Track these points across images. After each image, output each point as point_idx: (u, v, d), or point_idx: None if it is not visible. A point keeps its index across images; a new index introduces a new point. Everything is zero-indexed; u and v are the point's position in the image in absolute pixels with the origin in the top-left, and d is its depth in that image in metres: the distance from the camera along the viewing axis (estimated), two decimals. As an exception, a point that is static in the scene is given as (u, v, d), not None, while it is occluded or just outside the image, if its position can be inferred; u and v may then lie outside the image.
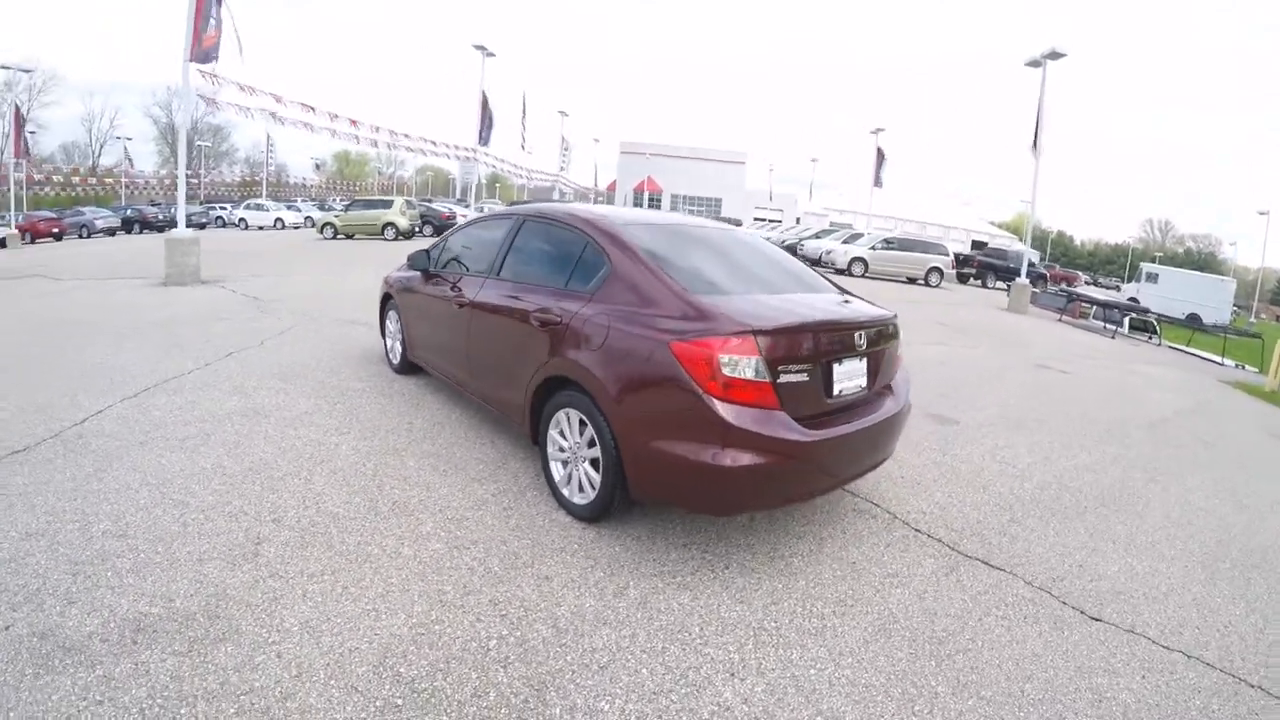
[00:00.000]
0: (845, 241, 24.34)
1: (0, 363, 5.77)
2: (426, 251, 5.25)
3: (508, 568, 3.04)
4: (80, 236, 30.89)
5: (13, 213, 29.06)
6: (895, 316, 3.82)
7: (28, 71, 37.76)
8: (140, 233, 33.20)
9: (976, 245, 29.03)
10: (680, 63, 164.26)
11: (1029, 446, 5.23)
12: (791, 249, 24.28)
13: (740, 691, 2.40)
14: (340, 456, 4.06)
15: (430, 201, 35.60)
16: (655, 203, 55.92)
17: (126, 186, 49.03)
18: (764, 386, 2.91)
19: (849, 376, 3.33)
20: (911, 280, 22.33)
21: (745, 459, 2.85)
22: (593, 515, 3.41)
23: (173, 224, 33.26)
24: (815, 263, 22.59)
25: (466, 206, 32.92)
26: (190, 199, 41.40)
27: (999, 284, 27.80)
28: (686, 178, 59.09)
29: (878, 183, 32.53)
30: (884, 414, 3.47)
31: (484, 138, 25.60)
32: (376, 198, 33.17)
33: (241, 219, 35.71)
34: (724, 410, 2.86)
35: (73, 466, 3.76)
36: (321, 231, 25.19)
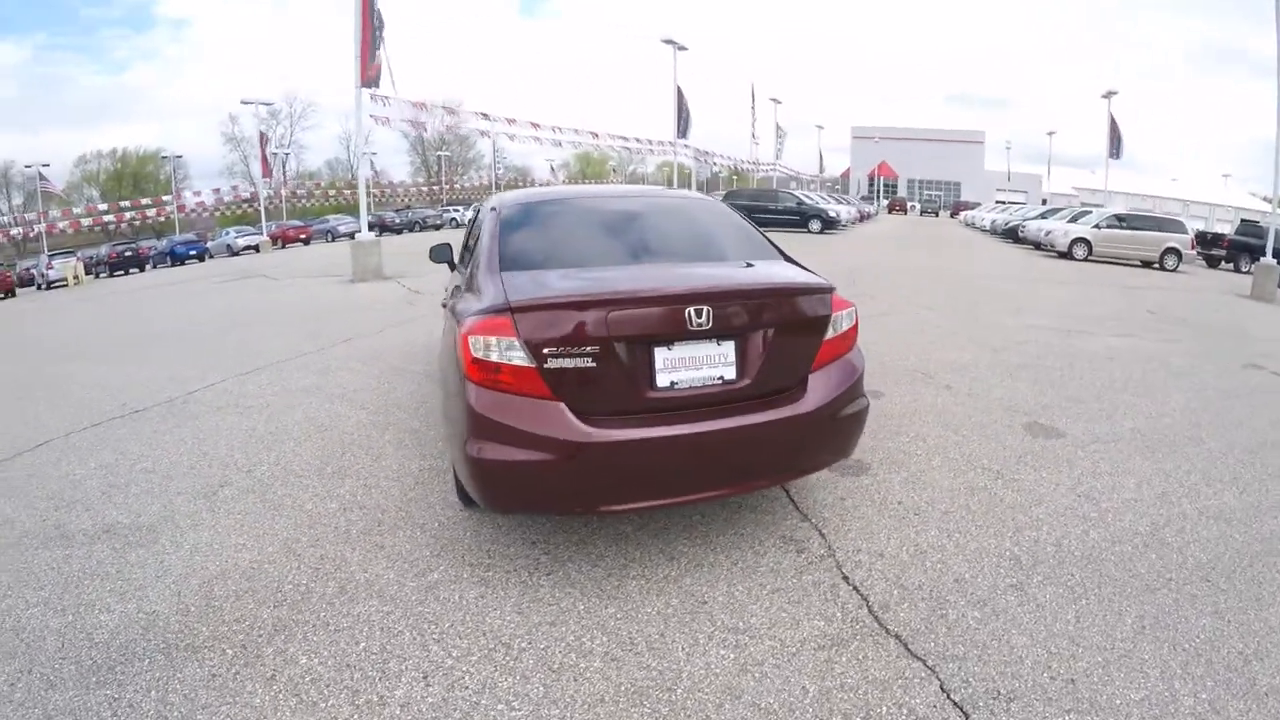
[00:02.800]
0: (1070, 220, 20.05)
1: (173, 344, 7.34)
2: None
3: (364, 533, 3.14)
4: (328, 241, 36.03)
5: (263, 222, 35.45)
6: (811, 290, 2.80)
7: (268, 104, 43.56)
8: (381, 235, 38.23)
9: (1247, 225, 22.26)
10: (908, 38, 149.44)
11: (1147, 477, 3.49)
12: (1012, 231, 20.82)
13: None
14: (342, 428, 4.46)
15: None
16: (891, 189, 52.28)
17: (377, 196, 57.35)
18: (526, 372, 2.45)
19: (689, 365, 2.58)
20: (1146, 264, 17.64)
21: (495, 452, 2.47)
22: (466, 502, 3.16)
23: (410, 227, 38.51)
24: (1036, 246, 19.06)
25: None
26: (434, 203, 47.63)
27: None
28: (921, 161, 54.17)
29: (1114, 154, 27.37)
30: (761, 417, 2.55)
31: (681, 130, 25.62)
32: None
33: (471, 219, 39.56)
34: (474, 396, 2.53)
35: (160, 424, 4.79)
36: None
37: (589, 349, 2.45)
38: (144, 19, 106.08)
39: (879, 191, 53.84)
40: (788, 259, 3.22)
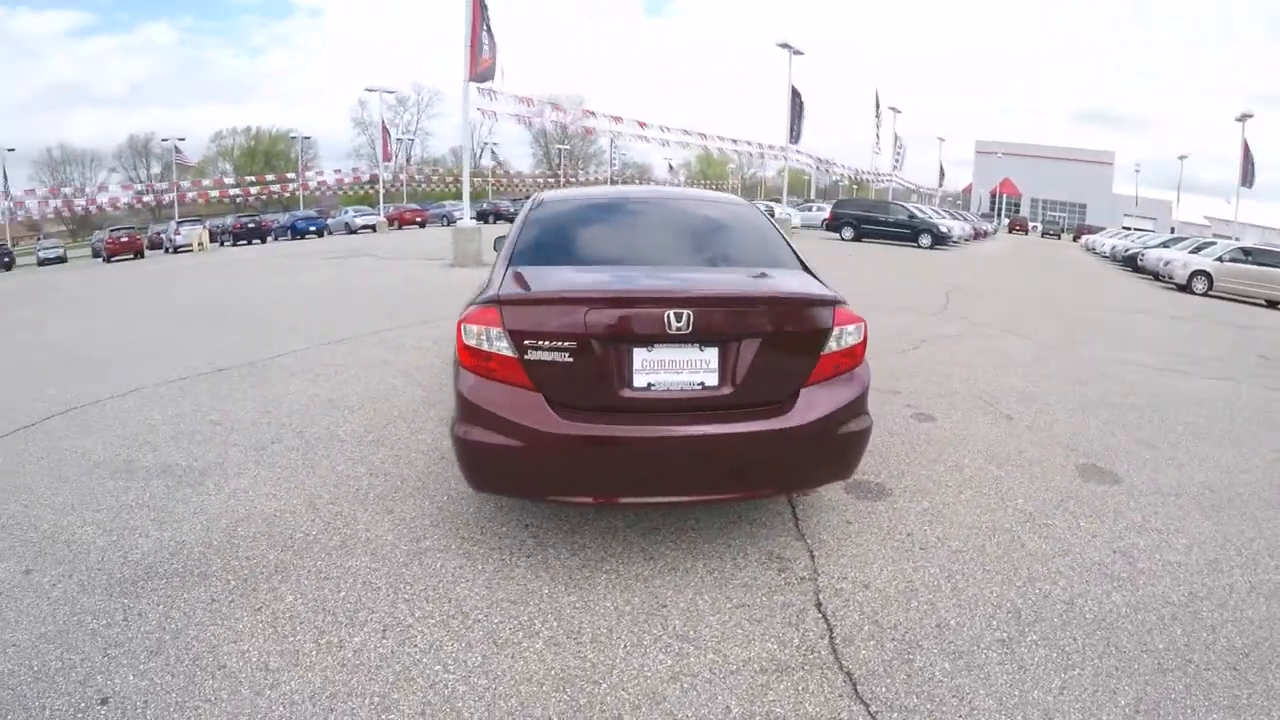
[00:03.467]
0: (1192, 251, 17.67)
1: (269, 312, 8.06)
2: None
3: (380, 497, 3.32)
4: (443, 225, 36.92)
5: (381, 204, 37.26)
6: (810, 302, 2.67)
7: (391, 92, 44.97)
8: (494, 222, 38.83)
9: None
10: (1036, 48, 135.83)
11: (1201, 540, 2.92)
12: (1132, 259, 18.77)
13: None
14: (394, 401, 4.70)
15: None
16: (1014, 207, 48.59)
17: (494, 185, 59.15)
18: (509, 362, 2.50)
19: (668, 368, 2.51)
20: (1272, 304, 15.11)
21: (479, 435, 2.53)
22: None
23: (510, 218, 39.28)
24: (1155, 276, 17.02)
25: (800, 206, 32.64)
26: None
27: None
28: (1046, 179, 49.84)
29: (1246, 183, 24.36)
30: (742, 427, 2.46)
31: (795, 136, 24.92)
32: None
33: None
34: (464, 381, 2.61)
35: (238, 383, 5.30)
36: None
37: (567, 344, 2.45)
38: (283, 7, 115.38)
39: (1000, 209, 50.02)
40: (806, 269, 3.03)
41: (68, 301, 12.90)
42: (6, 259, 32.93)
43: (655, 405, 2.49)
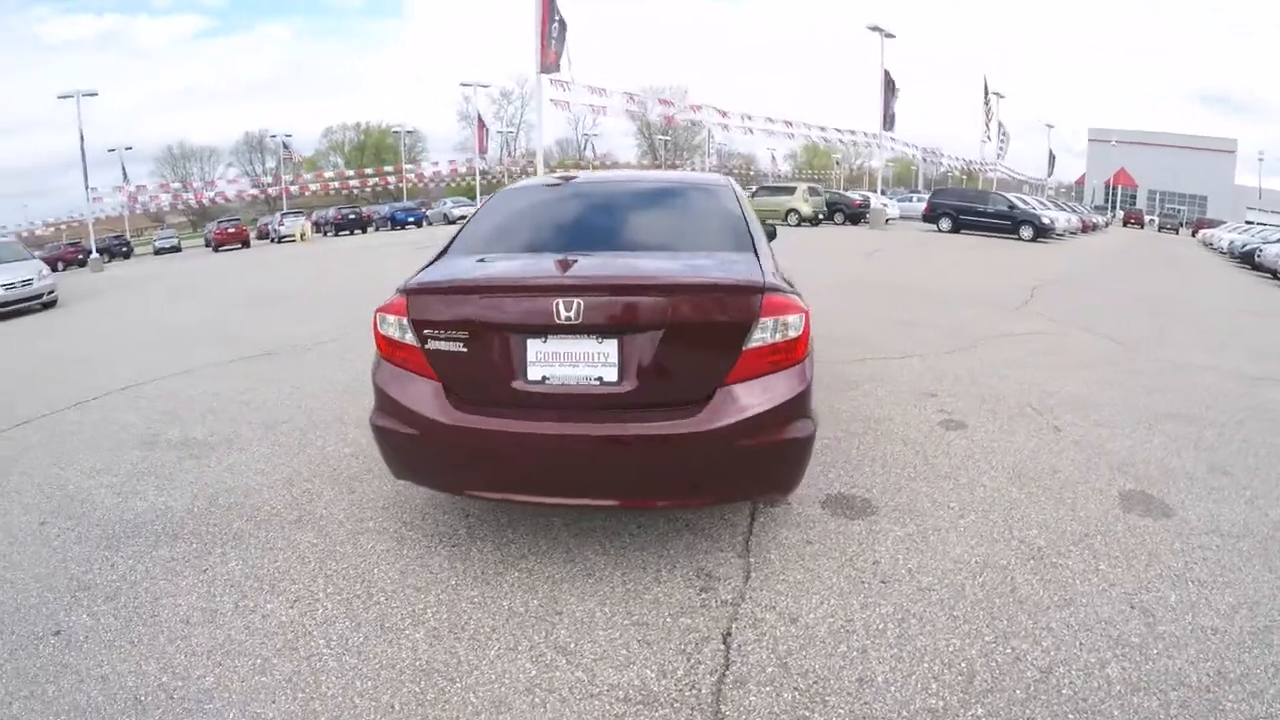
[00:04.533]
0: None
1: (336, 300, 8.30)
2: None
3: (349, 478, 3.29)
4: None
5: (478, 195, 37.30)
6: (726, 289, 2.28)
7: (484, 86, 43.19)
8: None
9: None
10: (1151, 28, 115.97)
11: (1255, 599, 2.23)
12: (1249, 256, 15.89)
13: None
14: None
15: (836, 191, 33.13)
16: (1130, 199, 43.12)
17: None
18: (414, 352, 2.37)
19: (563, 360, 2.23)
20: None
21: (385, 421, 2.44)
22: None
23: None
24: (1273, 274, 14.23)
25: (899, 196, 30.60)
26: None
27: None
28: (1164, 170, 43.65)
29: None
30: (640, 428, 2.14)
31: (888, 122, 23.18)
32: (781, 184, 32.75)
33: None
34: (378, 368, 2.52)
35: (278, 366, 5.56)
36: None
37: (460, 335, 2.28)
38: (392, 5, 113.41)
39: (1113, 201, 44.23)
40: (759, 255, 2.55)
41: (164, 288, 14.31)
42: (125, 248, 33.57)
43: (550, 400, 2.21)
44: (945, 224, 21.06)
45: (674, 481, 2.21)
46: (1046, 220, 19.45)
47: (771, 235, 4.94)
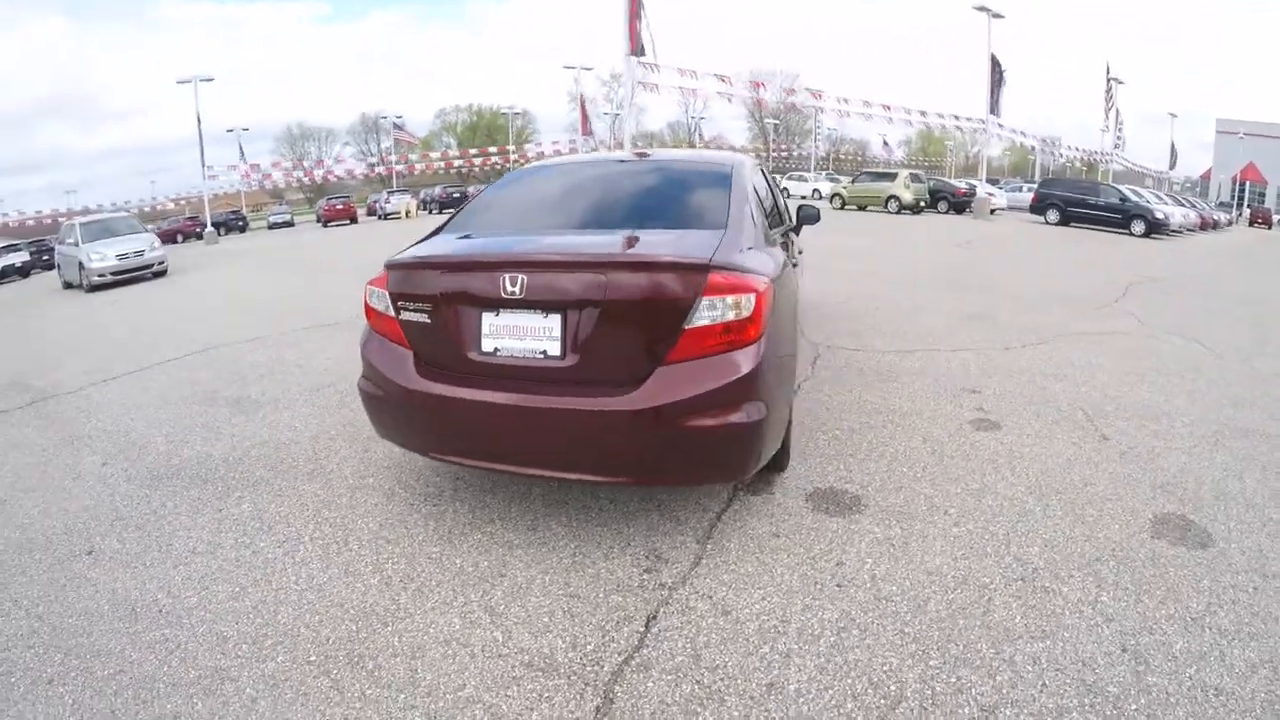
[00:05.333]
0: None
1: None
2: None
3: (368, 439, 3.33)
4: None
5: None
6: (667, 266, 2.11)
7: (588, 69, 40.76)
8: None
9: None
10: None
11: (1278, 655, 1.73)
12: None
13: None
14: None
15: (940, 178, 30.38)
16: (1260, 195, 36.92)
17: None
18: (391, 321, 2.44)
19: (513, 334, 2.22)
20: None
21: (367, 386, 2.54)
22: None
23: None
24: None
25: (1009, 186, 28.01)
26: (777, 170, 45.63)
27: None
28: None
29: None
30: (576, 403, 2.08)
31: (994, 107, 21.05)
32: (883, 170, 30.60)
33: (784, 188, 38.17)
34: (365, 336, 2.61)
35: (338, 336, 5.69)
36: (831, 201, 24.96)
37: (426, 306, 2.33)
38: None
39: (1240, 198, 37.85)
40: (732, 234, 2.35)
41: (267, 260, 15.18)
42: (240, 223, 34.40)
43: (499, 371, 2.21)
44: (1053, 215, 18.97)
45: (610, 458, 2.12)
46: (1160, 215, 16.94)
47: (813, 219, 4.60)
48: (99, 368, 5.41)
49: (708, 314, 2.03)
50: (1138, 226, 16.83)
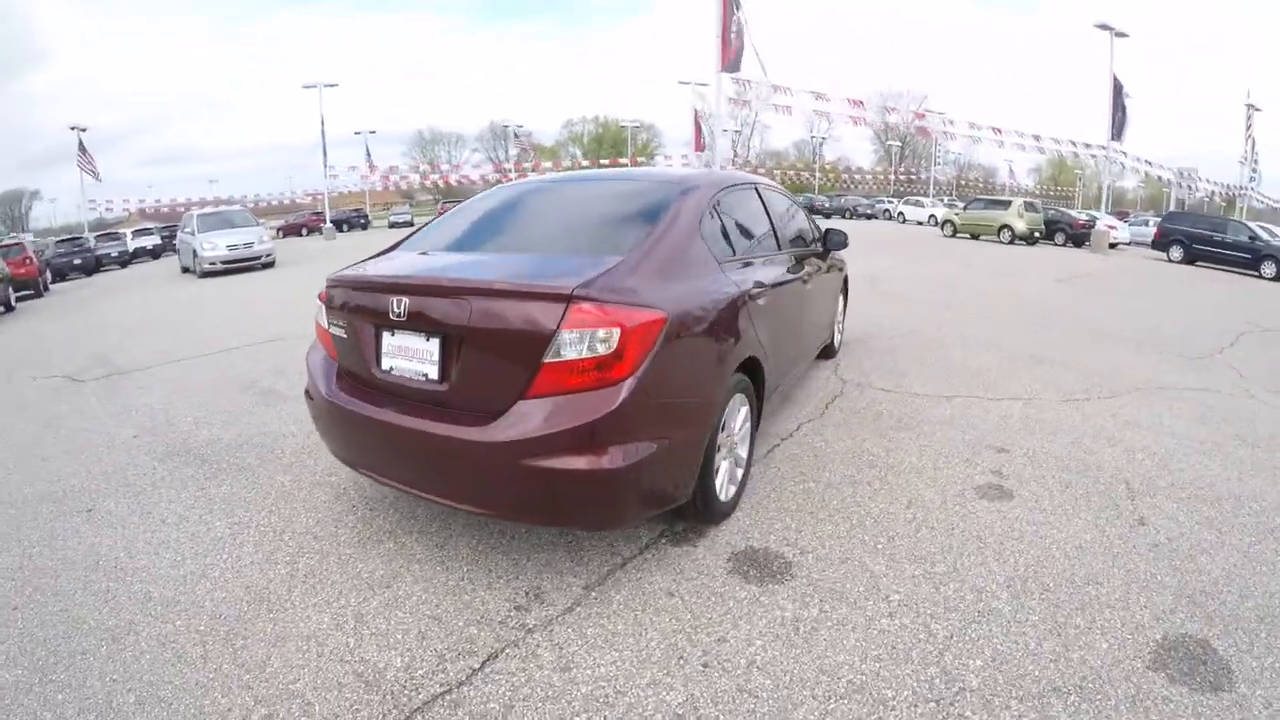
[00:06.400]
0: None
1: None
2: None
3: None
4: None
5: None
6: (528, 295, 1.93)
7: (703, 85, 36.80)
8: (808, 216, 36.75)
9: None
10: None
11: None
12: None
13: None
14: None
15: (1058, 209, 25.74)
16: None
17: (844, 181, 53.91)
18: (325, 333, 2.49)
19: (404, 355, 2.15)
20: None
21: (307, 392, 2.59)
22: None
23: (841, 213, 36.55)
24: None
25: (1135, 220, 24.57)
26: (897, 194, 43.10)
27: None
28: None
29: None
30: (440, 428, 1.96)
31: (1116, 132, 18.37)
32: (996, 198, 27.48)
33: (900, 213, 36.09)
34: (312, 344, 2.66)
35: None
36: (942, 229, 23.13)
37: (343, 323, 2.35)
38: (639, 3, 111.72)
39: None
40: (634, 260, 2.09)
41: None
42: (363, 220, 35.72)
43: (393, 389, 2.17)
44: (1176, 253, 16.19)
45: (475, 489, 1.98)
46: (1293, 257, 13.97)
47: (840, 244, 4.14)
48: (174, 348, 5.95)
49: (570, 348, 1.82)
50: (1268, 268, 13.90)
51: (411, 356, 2.11)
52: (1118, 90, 18.46)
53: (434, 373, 2.05)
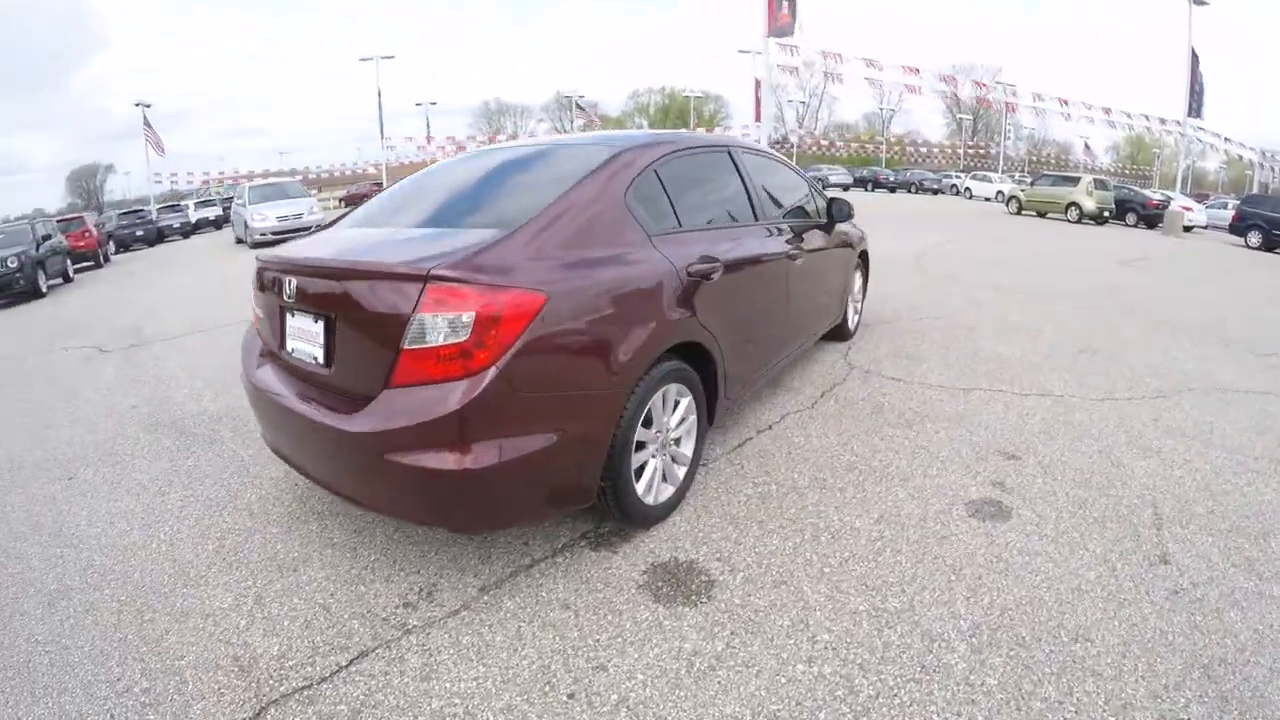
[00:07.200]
0: None
1: None
2: None
3: None
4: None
5: None
6: (386, 275, 1.69)
7: (759, 54, 36.49)
8: (870, 190, 34.15)
9: None
10: None
11: None
12: None
13: None
14: None
15: (1130, 187, 22.28)
16: None
17: (911, 155, 50.78)
18: (256, 316, 2.35)
19: (300, 336, 1.99)
20: None
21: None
22: None
23: (906, 188, 34.21)
24: None
25: (1214, 202, 21.75)
26: (965, 169, 40.19)
27: None
28: None
29: None
30: (314, 413, 1.79)
31: (1194, 108, 15.97)
32: (1065, 174, 24.78)
33: (966, 189, 33.54)
34: (249, 326, 2.50)
35: None
36: (1008, 205, 21.19)
37: (261, 304, 2.22)
38: None
39: None
40: (521, 233, 1.77)
41: None
42: None
43: (295, 372, 2.03)
44: (1254, 238, 14.03)
45: (346, 479, 1.82)
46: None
47: (844, 215, 3.64)
48: (204, 318, 6.02)
49: (432, 333, 1.56)
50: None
51: (304, 338, 1.95)
52: (1195, 63, 16.03)
53: (321, 356, 1.88)
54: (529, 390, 1.62)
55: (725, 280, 2.33)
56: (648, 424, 2.02)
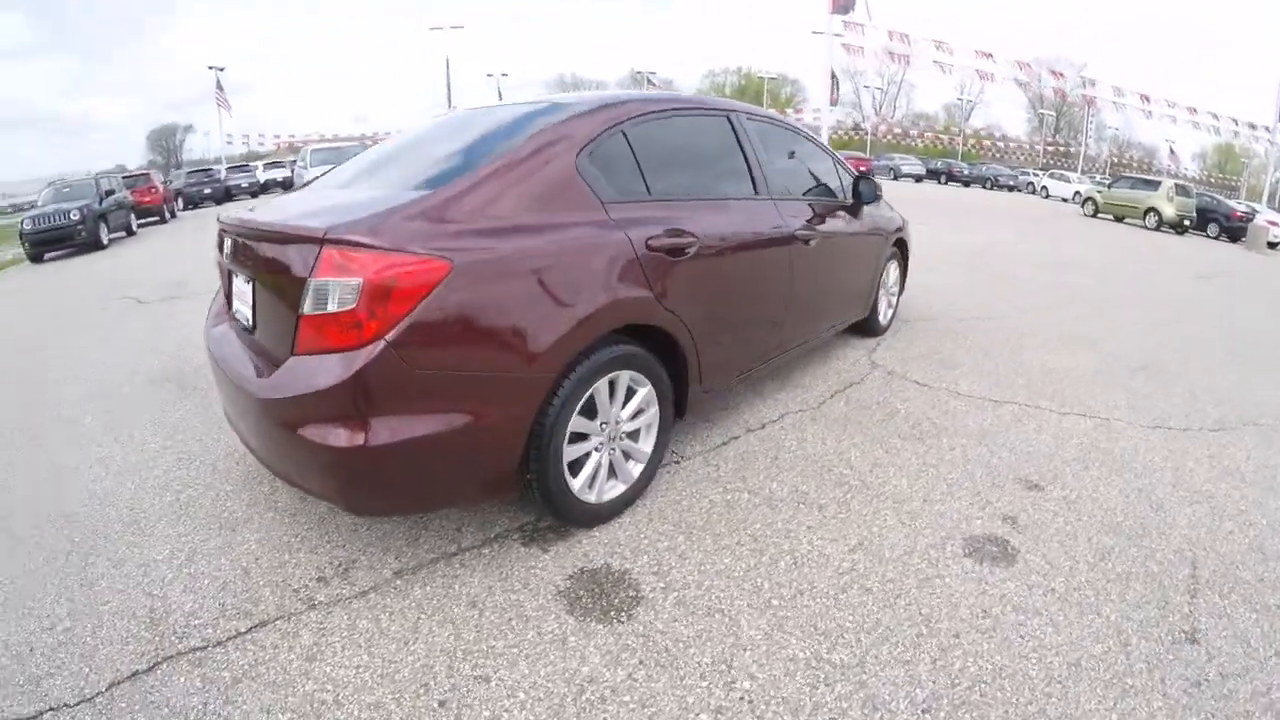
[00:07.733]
0: None
1: None
2: None
3: None
4: (889, 178, 30.66)
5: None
6: (289, 237, 1.53)
7: (837, 35, 30.60)
8: (944, 183, 32.03)
9: None
10: None
11: None
12: None
13: None
14: None
15: (1214, 195, 19.41)
16: None
17: (990, 149, 47.54)
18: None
19: (240, 298, 1.90)
20: None
21: None
22: None
23: (983, 182, 31.92)
24: None
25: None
26: (1044, 167, 37.34)
27: None
28: None
29: None
30: (245, 382, 1.66)
31: None
32: (1145, 177, 21.96)
33: (1043, 187, 31.10)
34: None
35: None
36: (1084, 207, 19.15)
37: (222, 263, 2.07)
38: None
39: None
40: (442, 192, 1.58)
41: None
42: None
43: (239, 333, 1.90)
44: None
45: (258, 444, 1.72)
46: None
47: (869, 197, 3.25)
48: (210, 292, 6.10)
49: (329, 299, 1.41)
50: None
51: (241, 300, 1.86)
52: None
53: (251, 317, 1.77)
54: (429, 367, 1.44)
55: (705, 259, 2.02)
56: (591, 414, 1.77)
